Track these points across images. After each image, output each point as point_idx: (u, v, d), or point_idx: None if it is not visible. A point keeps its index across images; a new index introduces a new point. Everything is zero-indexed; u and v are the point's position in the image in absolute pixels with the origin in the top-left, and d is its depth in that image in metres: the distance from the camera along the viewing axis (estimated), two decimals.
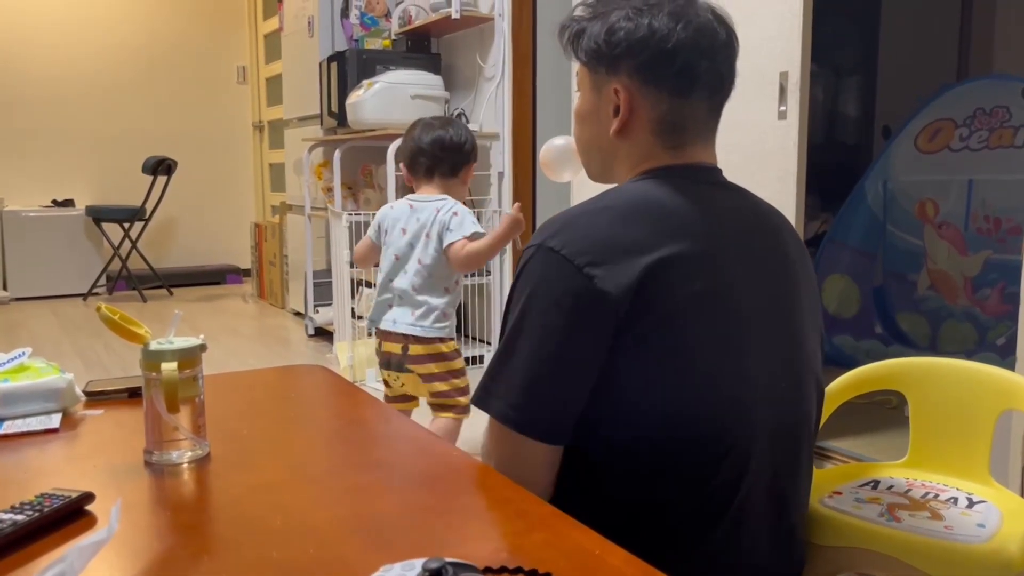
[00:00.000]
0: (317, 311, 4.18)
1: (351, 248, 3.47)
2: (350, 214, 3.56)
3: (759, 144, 2.18)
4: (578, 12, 1.06)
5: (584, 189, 2.82)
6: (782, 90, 2.12)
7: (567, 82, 2.98)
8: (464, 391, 2.21)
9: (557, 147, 1.64)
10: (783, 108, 2.13)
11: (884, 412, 2.56)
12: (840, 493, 1.24)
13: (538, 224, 3.62)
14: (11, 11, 5.62)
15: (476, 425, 2.86)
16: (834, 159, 3.99)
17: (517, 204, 2.20)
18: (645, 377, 0.92)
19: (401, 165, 2.32)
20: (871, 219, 3.22)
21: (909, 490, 1.25)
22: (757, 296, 0.97)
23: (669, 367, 0.91)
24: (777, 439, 0.98)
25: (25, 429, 1.04)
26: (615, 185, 1.05)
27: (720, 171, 1.06)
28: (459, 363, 2.21)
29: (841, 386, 1.37)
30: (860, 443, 2.35)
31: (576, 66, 1.08)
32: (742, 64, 1.05)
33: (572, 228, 0.94)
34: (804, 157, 2.13)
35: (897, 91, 4.08)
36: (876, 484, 1.27)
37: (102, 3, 5.90)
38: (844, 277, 3.20)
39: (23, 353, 1.13)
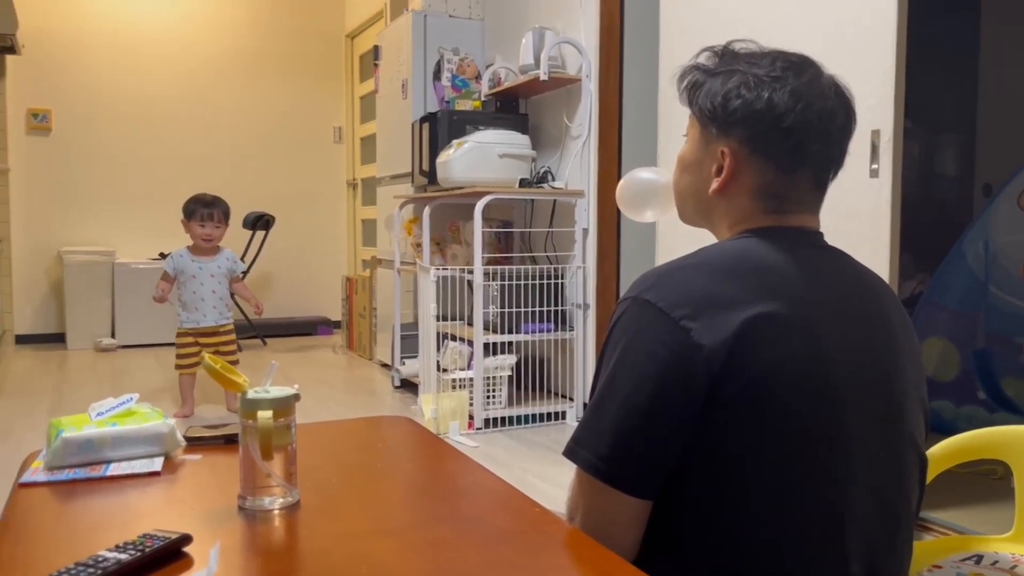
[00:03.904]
0: (403, 363, 4.25)
1: (439, 302, 3.55)
2: (438, 269, 3.63)
3: (851, 203, 2.14)
4: (702, 60, 1.05)
5: (667, 245, 2.81)
6: (874, 148, 2.09)
7: (653, 140, 3.00)
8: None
9: (643, 181, 1.44)
10: (875, 166, 2.09)
11: (988, 482, 2.42)
12: (940, 567, 1.18)
13: (623, 282, 3.63)
14: (129, 84, 6.03)
15: (559, 478, 2.82)
16: (931, 217, 3.86)
17: None
18: (737, 438, 0.89)
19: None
20: (971, 280, 3.10)
21: (1015, 566, 1.18)
22: (855, 363, 0.94)
23: (761, 429, 0.89)
24: (875, 514, 0.94)
25: (130, 472, 1.10)
26: (713, 242, 1.04)
27: (821, 235, 1.04)
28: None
29: (941, 454, 1.31)
30: (962, 515, 2.22)
31: (688, 111, 1.07)
32: None
33: (668, 281, 0.94)
34: (898, 216, 2.07)
35: (998, 148, 3.94)
36: (979, 559, 1.21)
37: (211, 68, 6.27)
38: (943, 340, 3.07)
39: (130, 399, 1.19)
